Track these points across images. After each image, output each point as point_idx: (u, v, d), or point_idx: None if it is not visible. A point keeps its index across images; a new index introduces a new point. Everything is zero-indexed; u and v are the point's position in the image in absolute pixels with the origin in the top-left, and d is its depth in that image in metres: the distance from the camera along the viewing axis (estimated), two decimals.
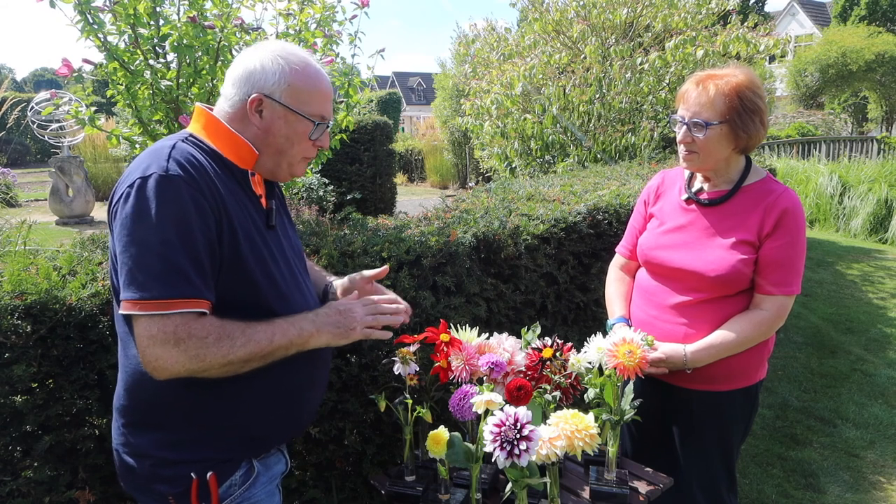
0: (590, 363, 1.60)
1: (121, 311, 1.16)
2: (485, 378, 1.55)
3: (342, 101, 2.90)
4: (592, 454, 1.42)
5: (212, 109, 1.34)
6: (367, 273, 1.61)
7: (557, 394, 1.53)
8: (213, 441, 1.27)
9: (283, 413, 1.36)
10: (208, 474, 1.24)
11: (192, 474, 1.23)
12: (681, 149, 1.79)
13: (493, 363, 1.56)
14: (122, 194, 1.17)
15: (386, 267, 1.62)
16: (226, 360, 1.17)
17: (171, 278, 1.13)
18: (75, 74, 2.45)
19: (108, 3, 2.39)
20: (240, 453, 1.31)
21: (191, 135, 1.30)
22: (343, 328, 1.30)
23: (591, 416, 1.41)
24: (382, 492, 1.68)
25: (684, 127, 1.75)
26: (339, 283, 1.62)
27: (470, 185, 15.59)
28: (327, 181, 8.50)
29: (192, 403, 1.24)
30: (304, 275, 1.46)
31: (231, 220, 1.22)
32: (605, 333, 1.70)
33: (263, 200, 1.37)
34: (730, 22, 5.95)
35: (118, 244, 1.16)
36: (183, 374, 1.16)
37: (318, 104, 1.32)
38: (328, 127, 1.37)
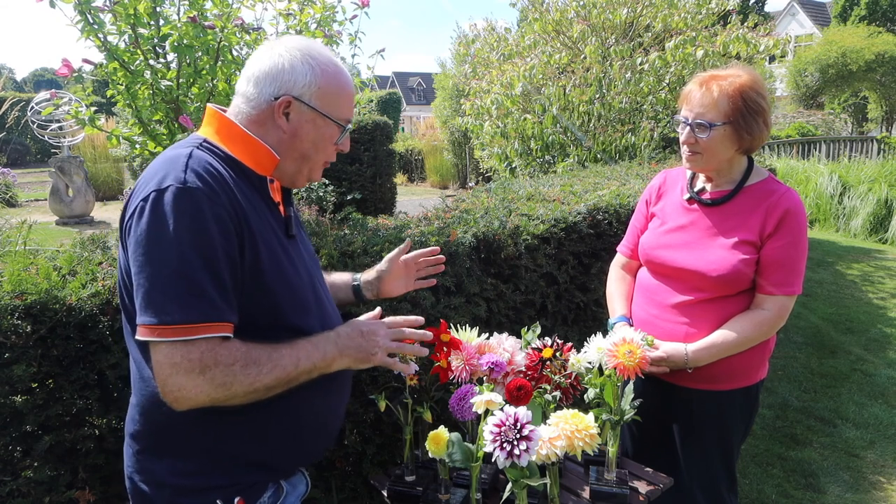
0: (590, 363, 1.60)
1: (138, 337, 1.07)
2: (485, 378, 1.55)
3: None
4: (592, 454, 1.42)
5: (225, 111, 1.25)
6: (391, 255, 1.62)
7: (557, 394, 1.53)
8: (235, 467, 1.20)
9: (304, 441, 1.29)
10: (236, 500, 1.16)
11: (218, 501, 1.15)
12: (684, 149, 1.79)
13: (493, 363, 1.56)
14: (136, 208, 1.08)
15: (408, 241, 1.63)
16: (252, 388, 1.10)
17: (192, 300, 1.04)
18: (75, 75, 2.44)
19: (108, 3, 2.39)
20: (265, 476, 1.24)
21: (205, 140, 1.20)
22: (364, 352, 1.24)
23: (591, 416, 1.41)
24: (382, 492, 1.68)
25: (688, 128, 1.74)
26: (368, 277, 1.62)
27: (470, 185, 15.59)
28: (327, 181, 8.49)
29: (210, 429, 1.17)
30: (322, 283, 1.40)
31: (252, 232, 1.14)
32: (605, 333, 1.70)
33: (282, 208, 1.30)
34: (730, 22, 5.95)
35: (133, 264, 1.06)
36: (206, 404, 1.08)
37: (346, 107, 1.26)
38: (349, 131, 1.31)
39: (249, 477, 1.21)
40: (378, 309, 1.41)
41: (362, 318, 1.33)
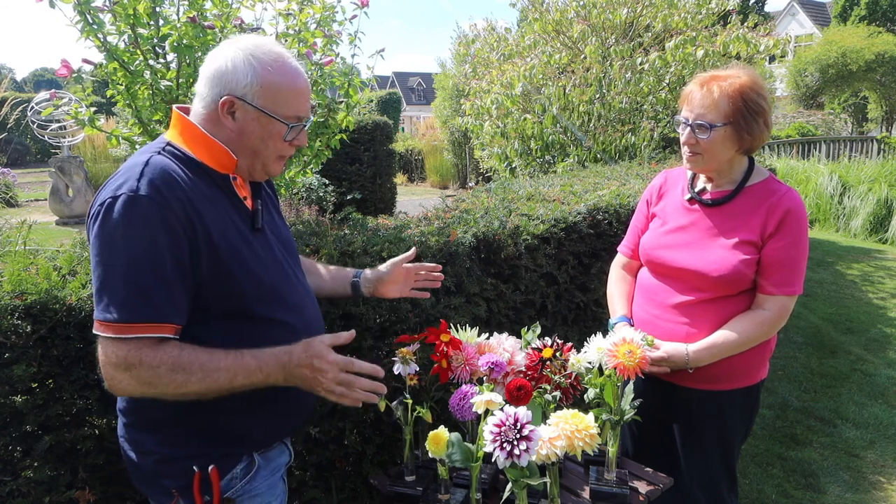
0: (590, 363, 1.60)
1: (93, 329, 1.18)
2: (485, 378, 1.55)
3: (342, 102, 2.90)
4: (592, 454, 1.42)
5: (188, 112, 1.31)
6: (395, 260, 1.68)
7: (557, 394, 1.53)
8: (210, 439, 1.29)
9: (277, 415, 1.36)
10: (210, 468, 1.25)
11: (195, 467, 1.24)
12: (684, 150, 1.79)
13: (493, 363, 1.56)
14: (94, 213, 1.16)
15: (414, 249, 1.68)
16: (179, 392, 1.16)
17: (132, 302, 1.12)
18: (74, 75, 2.44)
19: (107, 4, 2.38)
20: (239, 448, 1.32)
21: (168, 143, 1.27)
22: (308, 386, 1.24)
23: (591, 416, 1.41)
24: (382, 492, 1.68)
25: (688, 128, 1.74)
26: (368, 276, 1.67)
27: (470, 185, 15.59)
28: (327, 181, 8.50)
29: (182, 408, 1.24)
30: (298, 271, 1.45)
31: (209, 233, 1.19)
32: (605, 333, 1.70)
33: (249, 202, 1.34)
34: (730, 22, 5.94)
35: (91, 263, 1.17)
36: (138, 395, 1.18)
37: (293, 104, 1.28)
38: (305, 126, 1.33)
39: (224, 449, 1.30)
40: (343, 334, 1.29)
41: (327, 339, 1.25)
